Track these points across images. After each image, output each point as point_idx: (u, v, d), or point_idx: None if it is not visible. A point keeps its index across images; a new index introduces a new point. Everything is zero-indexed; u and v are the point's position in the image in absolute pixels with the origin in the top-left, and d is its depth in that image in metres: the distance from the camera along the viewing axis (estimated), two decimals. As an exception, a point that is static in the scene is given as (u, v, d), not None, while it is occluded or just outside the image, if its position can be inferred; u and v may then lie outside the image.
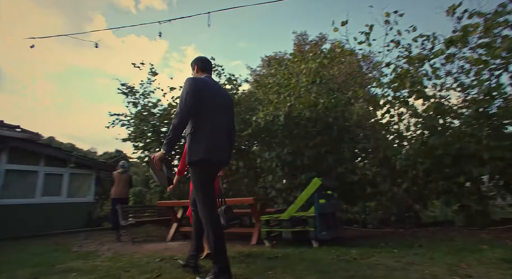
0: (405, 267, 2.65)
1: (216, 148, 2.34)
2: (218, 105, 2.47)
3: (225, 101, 2.58)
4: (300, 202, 4.08)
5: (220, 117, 2.45)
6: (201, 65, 2.72)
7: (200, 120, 2.34)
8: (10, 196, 7.66)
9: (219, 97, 2.52)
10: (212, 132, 2.35)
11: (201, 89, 2.37)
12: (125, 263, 3.25)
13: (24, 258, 3.69)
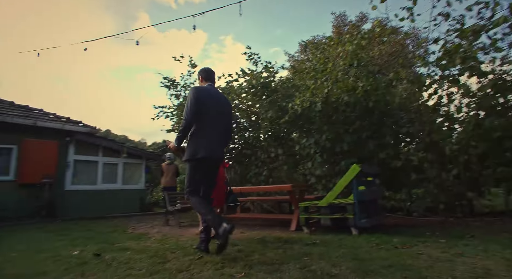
0: (452, 258, 2.50)
1: (207, 149, 2.81)
2: (217, 110, 2.92)
3: (224, 107, 3.03)
4: (339, 189, 4.02)
5: (217, 121, 2.92)
6: (204, 76, 3.17)
7: (199, 124, 2.83)
8: (78, 182, 8.71)
9: (219, 104, 2.97)
10: (207, 135, 2.84)
11: (203, 97, 2.85)
12: (172, 245, 3.54)
13: (91, 236, 4.22)
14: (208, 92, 2.95)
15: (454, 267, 2.24)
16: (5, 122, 7.29)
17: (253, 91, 6.21)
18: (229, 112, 3.15)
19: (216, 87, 3.22)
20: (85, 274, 2.23)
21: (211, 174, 3.02)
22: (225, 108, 3.06)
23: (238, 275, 2.15)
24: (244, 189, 6.22)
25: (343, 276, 2.09)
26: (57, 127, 8.17)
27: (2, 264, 2.67)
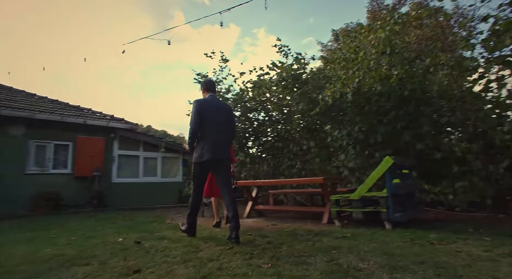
0: (496, 258, 2.32)
1: (215, 151, 3.29)
2: (217, 117, 3.40)
3: (224, 111, 3.51)
4: (371, 181, 3.90)
5: (218, 127, 3.38)
6: (206, 87, 3.68)
7: (203, 131, 3.34)
8: (122, 175, 9.42)
9: (219, 111, 3.45)
10: (211, 139, 3.31)
11: (203, 108, 3.36)
12: (206, 235, 3.72)
13: (132, 226, 4.59)
14: (209, 103, 3.47)
15: (497, 268, 2.09)
16: (63, 122, 8.10)
17: (283, 83, 6.18)
18: (230, 117, 3.59)
19: (216, 96, 3.71)
20: (126, 259, 2.46)
21: (222, 172, 3.43)
22: (225, 114, 3.51)
23: (264, 266, 2.23)
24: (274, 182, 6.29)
25: (370, 270, 2.07)
26: (103, 124, 8.88)
27: (64, 246, 3.04)
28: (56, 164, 8.22)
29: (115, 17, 77.84)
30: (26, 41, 55.41)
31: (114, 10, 78.99)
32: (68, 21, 60.51)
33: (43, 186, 7.51)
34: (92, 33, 73.44)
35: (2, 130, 7.47)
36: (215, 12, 6.98)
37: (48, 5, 50.68)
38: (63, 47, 61.23)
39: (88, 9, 64.73)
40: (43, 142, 8.10)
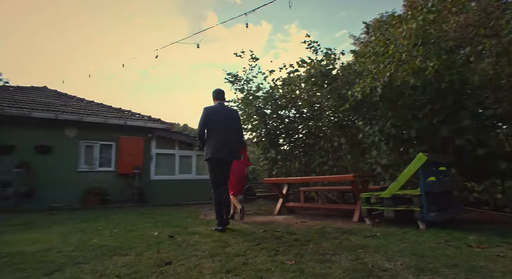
0: (544, 265, 2.13)
1: (217, 151, 3.80)
2: (223, 123, 3.89)
3: (230, 117, 4.01)
4: (403, 179, 3.75)
5: (223, 131, 3.86)
6: (215, 96, 4.12)
7: (209, 133, 3.87)
8: (159, 173, 9.97)
9: (224, 117, 3.94)
10: (215, 141, 3.81)
11: (210, 114, 3.88)
12: (235, 231, 3.85)
13: (168, 220, 4.88)
14: (216, 110, 3.98)
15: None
16: (107, 123, 8.79)
17: (313, 80, 6.11)
18: (236, 122, 4.09)
19: (224, 104, 4.19)
20: (160, 251, 2.65)
21: (223, 168, 4.00)
22: (230, 120, 4.00)
23: (288, 263, 2.28)
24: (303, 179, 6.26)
25: (396, 271, 2.03)
26: (141, 125, 9.46)
27: (108, 238, 3.36)
28: (102, 162, 8.95)
29: (151, 19, 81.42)
30: (73, 47, 60.42)
31: (150, 13, 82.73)
32: (105, 25, 64.62)
33: (92, 182, 8.25)
34: (129, 36, 77.71)
35: (59, 132, 8.32)
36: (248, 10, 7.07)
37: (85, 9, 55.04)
38: (102, 51, 65.84)
39: (126, 13, 68.50)
40: (91, 142, 8.87)
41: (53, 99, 9.95)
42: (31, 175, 7.58)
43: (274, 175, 8.76)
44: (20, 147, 7.73)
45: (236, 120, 4.14)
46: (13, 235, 3.71)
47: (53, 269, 2.18)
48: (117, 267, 2.18)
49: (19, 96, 9.41)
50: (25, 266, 2.30)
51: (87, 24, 54.87)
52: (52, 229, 4.07)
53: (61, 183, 7.93)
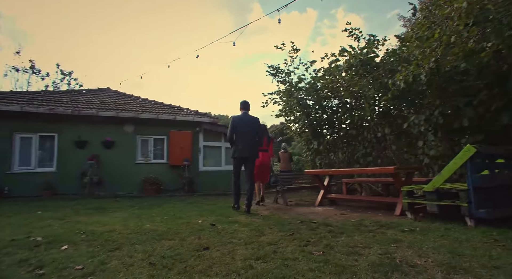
0: None
1: (242, 151, 4.88)
2: (245, 129, 4.95)
3: (252, 124, 5.03)
4: (447, 173, 3.53)
5: (246, 135, 4.92)
6: (241, 106, 5.20)
7: (236, 137, 4.94)
8: (207, 164, 10.61)
9: (247, 124, 4.99)
10: (240, 143, 4.90)
11: (236, 122, 4.98)
12: (273, 221, 4.03)
13: (213, 209, 5.26)
14: (241, 118, 5.06)
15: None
16: (159, 119, 9.61)
17: (353, 69, 5.90)
18: (256, 127, 5.08)
19: (248, 113, 5.16)
20: (201, 238, 2.96)
21: (248, 166, 5.01)
22: (251, 126, 5.01)
23: (316, 253, 2.39)
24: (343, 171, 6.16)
25: (424, 268, 2.01)
26: (189, 119, 10.11)
27: (159, 224, 3.80)
28: (156, 155, 9.85)
29: (194, 15, 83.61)
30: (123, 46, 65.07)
31: (195, 8, 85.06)
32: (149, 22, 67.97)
33: (147, 173, 9.15)
34: (174, 32, 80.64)
35: (120, 128, 9.35)
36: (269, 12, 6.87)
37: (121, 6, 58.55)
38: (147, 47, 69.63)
39: (167, 9, 71.21)
40: (146, 137, 9.79)
41: (114, 98, 11.13)
42: (100, 166, 8.70)
43: (317, 166, 8.72)
44: (91, 142, 8.89)
45: (257, 126, 5.12)
46: (88, 217, 4.41)
47: (114, 247, 2.60)
48: (163, 249, 2.52)
49: (89, 97, 10.74)
50: (96, 243, 2.78)
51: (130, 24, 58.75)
52: (116, 214, 4.71)
53: (123, 174, 8.96)
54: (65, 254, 2.43)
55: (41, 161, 8.55)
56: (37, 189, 7.91)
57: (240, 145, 4.90)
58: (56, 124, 8.63)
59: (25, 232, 3.31)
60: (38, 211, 5.08)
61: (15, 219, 4.34)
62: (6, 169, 8.01)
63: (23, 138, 8.45)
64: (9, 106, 8.01)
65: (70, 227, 3.53)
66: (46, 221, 4.02)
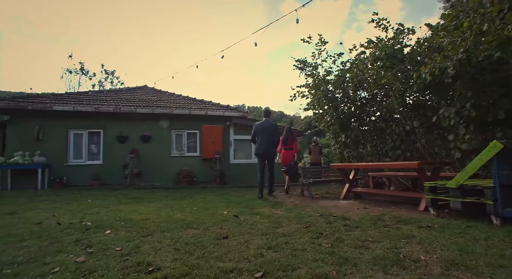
0: None
1: (260, 149, 6.26)
2: (264, 132, 6.29)
3: (269, 129, 6.34)
4: (472, 169, 3.43)
5: (264, 137, 6.27)
6: (263, 114, 6.73)
7: (257, 139, 6.33)
8: (237, 157, 10.99)
9: (265, 129, 6.32)
10: (259, 143, 6.29)
11: (257, 128, 6.39)
12: (294, 214, 4.21)
13: (240, 201, 5.57)
14: (261, 124, 6.45)
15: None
16: (191, 114, 10.14)
17: (378, 63, 5.75)
18: (272, 133, 6.35)
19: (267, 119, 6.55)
20: (222, 227, 3.26)
21: (268, 160, 6.37)
22: (268, 130, 6.33)
23: (325, 245, 2.55)
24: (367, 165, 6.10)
25: (426, 263, 2.09)
26: (220, 114, 10.51)
27: (188, 214, 4.18)
28: (189, 148, 10.44)
29: (226, 5, 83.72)
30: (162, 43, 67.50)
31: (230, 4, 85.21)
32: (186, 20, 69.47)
33: (182, 166, 9.77)
34: (209, 28, 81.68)
35: (156, 124, 10.05)
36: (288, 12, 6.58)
37: (180, 12, 60.57)
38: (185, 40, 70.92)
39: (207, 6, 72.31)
40: (180, 131, 10.40)
41: (151, 95, 11.90)
42: (140, 159, 9.48)
43: (345, 159, 8.66)
44: (131, 137, 9.69)
45: (274, 131, 6.43)
46: (128, 206, 4.96)
47: (147, 234, 3.00)
48: (187, 237, 2.85)
49: (129, 95, 11.61)
50: (132, 229, 3.20)
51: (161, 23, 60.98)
52: (151, 204, 5.23)
53: (159, 166, 9.68)
54: (108, 238, 2.87)
55: (90, 155, 9.54)
56: (88, 179, 8.88)
57: (259, 145, 6.30)
58: (101, 121, 9.53)
59: (79, 218, 3.88)
60: (88, 199, 5.79)
61: (72, 206, 5.03)
62: (63, 161, 9.09)
63: (76, 134, 9.48)
64: (64, 106, 9.01)
65: (113, 215, 4.04)
66: (95, 209, 4.63)
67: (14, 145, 8.71)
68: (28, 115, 8.86)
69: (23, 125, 8.88)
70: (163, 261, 2.19)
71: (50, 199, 5.91)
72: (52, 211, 4.45)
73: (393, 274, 1.90)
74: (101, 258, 2.29)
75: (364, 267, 2.02)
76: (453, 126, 5.02)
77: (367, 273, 1.92)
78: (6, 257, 2.34)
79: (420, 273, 1.90)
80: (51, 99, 9.59)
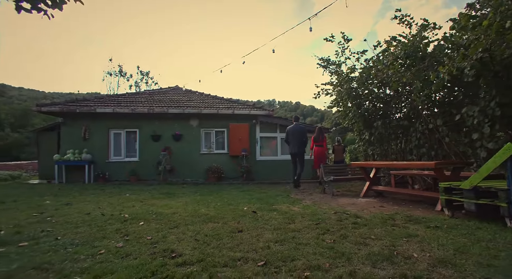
0: None
1: (292, 149, 7.79)
2: (295, 135, 7.74)
3: (299, 132, 7.75)
4: (486, 171, 3.44)
5: (294, 139, 7.72)
6: (293, 119, 8.29)
7: (289, 140, 7.88)
8: (264, 154, 11.33)
9: (296, 132, 7.77)
10: (291, 144, 7.81)
11: (288, 131, 7.93)
12: (310, 211, 4.46)
13: (261, 198, 5.90)
14: (292, 128, 7.83)
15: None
16: (219, 113, 10.65)
17: (398, 62, 5.70)
18: (302, 134, 7.74)
19: (297, 124, 8.05)
20: (240, 222, 3.62)
21: (298, 158, 7.67)
22: (298, 133, 7.72)
23: (328, 241, 2.80)
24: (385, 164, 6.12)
25: (417, 260, 2.27)
26: (246, 113, 10.89)
27: (212, 209, 4.62)
28: (217, 146, 10.98)
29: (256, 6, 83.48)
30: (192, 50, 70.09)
31: None
32: (225, 19, 70.57)
33: (211, 163, 10.34)
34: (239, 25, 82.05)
35: (187, 123, 10.71)
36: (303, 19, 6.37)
37: (210, 10, 61.84)
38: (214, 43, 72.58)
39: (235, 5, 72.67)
40: (208, 130, 10.97)
41: (181, 96, 12.61)
42: (172, 156, 10.20)
43: (370, 156, 8.64)
44: (164, 136, 10.45)
45: (302, 134, 7.77)
46: (160, 201, 5.53)
47: (173, 226, 3.45)
48: (207, 229, 3.26)
49: (161, 96, 12.42)
50: (161, 222, 3.69)
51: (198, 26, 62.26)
52: (180, 199, 5.76)
53: (190, 163, 10.34)
54: (141, 228, 3.37)
55: (128, 152, 10.46)
56: (126, 175, 9.79)
57: (291, 145, 7.81)
58: (137, 121, 10.38)
59: (118, 210, 4.48)
60: (126, 194, 6.50)
61: (113, 199, 5.72)
62: (105, 158, 10.09)
63: (115, 134, 10.43)
64: (105, 108, 9.97)
65: (146, 209, 4.59)
66: (131, 203, 5.25)
67: (66, 144, 9.85)
68: (77, 117, 9.94)
69: (73, 126, 9.98)
70: (184, 249, 2.60)
71: (96, 193, 6.71)
72: (97, 204, 5.14)
73: (380, 268, 2.13)
74: (135, 244, 2.76)
75: (356, 261, 2.26)
76: (477, 125, 4.91)
77: (357, 267, 2.16)
78: (67, 239, 2.92)
79: (406, 268, 2.11)
80: (95, 102, 10.62)
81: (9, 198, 5.80)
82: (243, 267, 2.19)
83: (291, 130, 7.80)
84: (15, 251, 2.60)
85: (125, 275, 2.03)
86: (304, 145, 7.79)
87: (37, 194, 6.56)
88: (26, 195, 6.29)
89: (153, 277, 2.03)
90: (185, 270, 2.14)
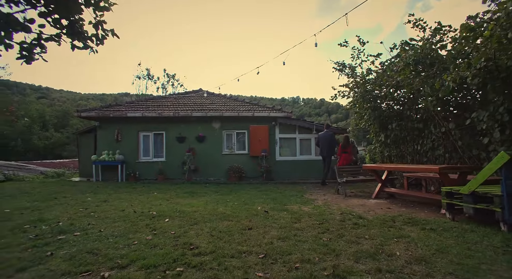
0: None
1: (321, 152, 9.20)
2: (325, 140, 9.06)
3: (327, 138, 9.05)
4: (482, 178, 3.63)
5: (323, 143, 9.07)
6: (324, 127, 9.70)
7: (320, 145, 9.24)
8: (283, 155, 11.72)
9: (325, 138, 9.08)
10: (321, 148, 9.22)
11: (319, 137, 9.31)
12: (318, 211, 4.82)
13: (276, 198, 6.31)
14: (323, 135, 9.19)
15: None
16: (240, 116, 11.18)
17: (407, 68, 5.83)
18: (329, 140, 9.02)
19: (327, 131, 9.29)
20: (251, 221, 4.08)
21: (326, 160, 9.08)
22: (327, 139, 9.02)
23: (324, 239, 3.19)
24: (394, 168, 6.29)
25: (396, 257, 2.60)
26: (265, 115, 11.32)
27: (228, 208, 5.12)
28: (238, 147, 11.53)
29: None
30: (224, 43, 71.38)
31: None
32: (249, 18, 71.18)
33: (232, 163, 10.91)
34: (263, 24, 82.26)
35: (209, 125, 11.36)
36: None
37: (234, 10, 62.85)
38: (247, 41, 73.25)
39: (261, 2, 72.94)
40: (230, 131, 11.54)
41: (204, 99, 13.29)
42: (196, 157, 10.90)
43: (386, 158, 8.75)
44: (188, 137, 11.17)
45: (330, 139, 9.02)
46: (183, 199, 6.15)
47: (194, 223, 4.00)
48: (222, 227, 3.76)
49: (186, 100, 13.18)
50: (184, 219, 4.25)
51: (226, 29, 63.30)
52: (201, 198, 6.34)
53: (213, 163, 10.98)
54: (167, 224, 3.94)
55: (156, 153, 11.31)
56: (154, 174, 10.63)
57: (321, 149, 9.13)
58: (164, 124, 11.18)
59: (147, 208, 5.12)
60: (154, 192, 7.21)
61: (143, 197, 6.42)
62: (136, 158, 11.01)
63: (144, 136, 11.32)
64: (135, 113, 10.86)
65: (171, 207, 5.20)
66: (159, 201, 5.90)
67: (102, 145, 10.88)
68: (110, 121, 10.93)
69: (107, 129, 10.99)
70: (201, 242, 3.12)
71: (128, 191, 7.50)
72: (130, 201, 5.84)
73: (361, 263, 2.49)
74: (161, 238, 3.32)
75: (343, 257, 2.64)
76: (487, 129, 4.99)
77: (342, 261, 2.54)
78: (108, 232, 3.56)
79: (384, 264, 2.46)
80: (126, 107, 11.58)
81: (60, 195, 6.72)
82: (246, 258, 2.66)
83: (322, 136, 9.16)
84: (72, 238, 3.28)
85: (153, 261, 2.57)
86: (332, 149, 9.09)
87: (79, 191, 7.47)
88: (71, 192, 7.20)
89: (174, 263, 2.55)
90: (200, 259, 2.64)
